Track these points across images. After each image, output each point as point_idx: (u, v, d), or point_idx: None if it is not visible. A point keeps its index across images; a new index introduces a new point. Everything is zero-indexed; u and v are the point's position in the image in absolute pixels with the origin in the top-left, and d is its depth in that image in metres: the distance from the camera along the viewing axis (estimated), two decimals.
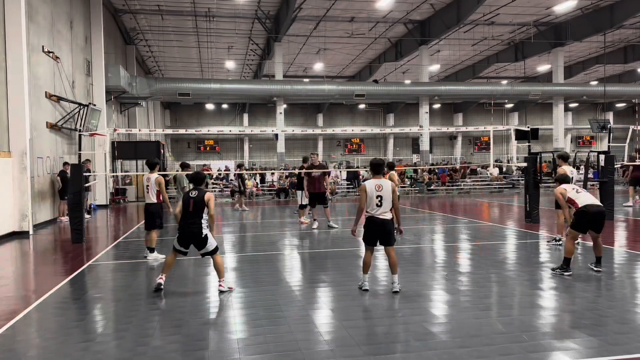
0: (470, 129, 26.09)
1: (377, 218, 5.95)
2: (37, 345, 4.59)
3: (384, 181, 6.03)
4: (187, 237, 6.29)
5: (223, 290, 6.23)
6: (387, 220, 5.98)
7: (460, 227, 12.10)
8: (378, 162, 6.19)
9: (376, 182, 6.00)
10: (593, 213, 6.81)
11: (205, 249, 6.31)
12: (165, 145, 28.74)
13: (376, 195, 5.92)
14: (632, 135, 17.07)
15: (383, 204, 5.93)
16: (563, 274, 6.71)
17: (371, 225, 6.00)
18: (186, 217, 6.30)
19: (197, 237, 6.25)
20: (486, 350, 4.19)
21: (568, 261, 6.78)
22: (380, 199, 5.92)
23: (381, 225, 5.96)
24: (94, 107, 16.67)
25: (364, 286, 6.14)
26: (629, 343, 4.30)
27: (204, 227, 6.30)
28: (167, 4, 23.83)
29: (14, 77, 12.24)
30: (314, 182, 12.09)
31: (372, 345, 4.36)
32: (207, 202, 6.34)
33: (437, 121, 44.58)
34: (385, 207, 5.95)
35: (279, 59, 28.43)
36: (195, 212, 6.28)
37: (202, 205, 6.29)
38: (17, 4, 12.24)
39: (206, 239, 6.27)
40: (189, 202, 6.34)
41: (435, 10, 25.90)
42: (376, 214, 5.95)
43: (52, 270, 8.23)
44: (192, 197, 6.37)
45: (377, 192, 5.93)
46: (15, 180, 12.27)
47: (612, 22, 25.34)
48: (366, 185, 6.00)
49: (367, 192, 5.96)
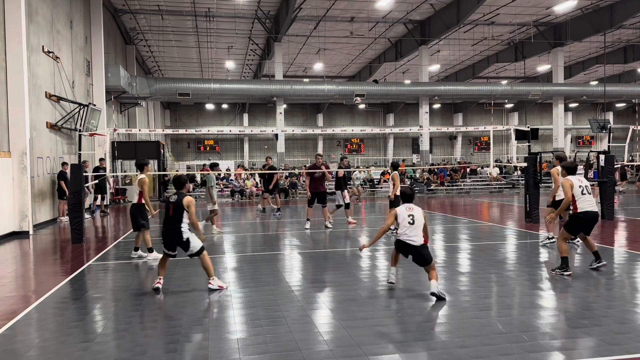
0: (470, 129, 26.08)
1: (407, 243, 5.93)
2: (37, 345, 4.59)
3: (414, 206, 6.09)
4: (170, 241, 6.28)
5: (213, 289, 6.27)
6: (417, 246, 5.89)
7: (460, 227, 12.10)
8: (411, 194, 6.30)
9: (407, 205, 6.10)
10: (588, 220, 6.85)
11: (190, 251, 6.29)
12: (165, 145, 28.72)
13: (408, 214, 5.96)
14: (632, 135, 17.08)
15: (416, 222, 5.93)
16: (563, 274, 6.71)
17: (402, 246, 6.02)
18: (166, 222, 6.28)
19: (179, 241, 6.23)
20: (486, 350, 4.19)
21: (565, 260, 6.78)
22: (412, 217, 5.94)
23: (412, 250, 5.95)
24: (93, 107, 16.66)
25: (390, 279, 6.25)
26: (628, 343, 4.30)
27: (184, 231, 6.22)
28: (167, 4, 23.83)
29: (14, 77, 12.24)
30: (316, 182, 12.30)
31: (372, 345, 4.36)
32: (187, 206, 6.21)
33: (437, 121, 44.59)
34: (418, 226, 5.92)
35: (279, 59, 28.44)
36: (175, 216, 6.21)
37: (182, 210, 6.20)
38: (17, 4, 12.23)
39: (188, 243, 6.22)
40: (168, 207, 6.28)
41: (435, 10, 25.91)
42: (407, 238, 5.91)
43: (52, 270, 8.23)
44: (172, 201, 6.28)
45: (408, 212, 5.98)
46: (15, 180, 12.27)
47: (612, 22, 25.35)
48: (397, 210, 6.08)
49: (398, 214, 6.02)
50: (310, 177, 12.44)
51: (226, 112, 44.29)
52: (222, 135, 43.54)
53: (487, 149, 46.63)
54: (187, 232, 6.25)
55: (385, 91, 30.60)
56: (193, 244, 6.26)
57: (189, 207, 6.22)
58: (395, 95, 32.29)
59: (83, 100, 17.56)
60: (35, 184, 13.39)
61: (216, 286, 6.31)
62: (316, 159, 12.70)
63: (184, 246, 6.25)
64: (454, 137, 45.96)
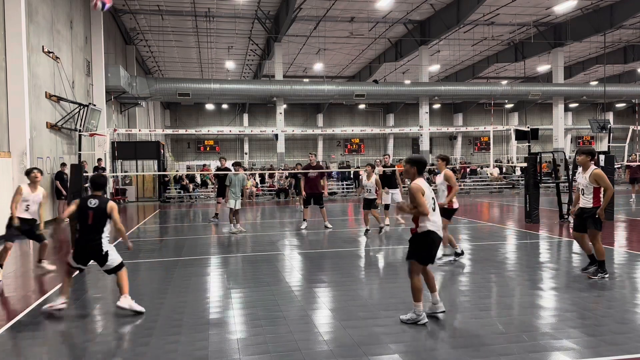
0: (470, 129, 26.09)
1: (438, 236, 4.87)
2: (37, 345, 4.59)
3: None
4: (85, 254, 5.46)
5: (122, 307, 5.36)
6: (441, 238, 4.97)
7: (460, 227, 12.09)
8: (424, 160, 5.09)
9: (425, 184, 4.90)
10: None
11: (106, 267, 5.50)
12: (165, 146, 28.73)
13: (431, 196, 4.89)
14: (632, 135, 17.08)
15: (436, 207, 4.93)
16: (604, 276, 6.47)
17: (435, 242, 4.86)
18: (84, 231, 5.43)
19: (97, 254, 5.43)
20: (486, 350, 4.19)
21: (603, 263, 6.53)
22: (434, 201, 4.92)
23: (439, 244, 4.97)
24: (93, 107, 16.67)
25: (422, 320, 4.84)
26: (628, 343, 4.30)
27: (104, 244, 5.46)
28: (167, 4, 23.83)
29: (14, 77, 12.25)
30: (310, 182, 12.15)
31: (372, 345, 4.36)
32: (110, 213, 5.46)
33: (437, 121, 44.59)
34: (438, 211, 4.96)
35: (279, 59, 28.44)
36: (95, 225, 5.40)
37: (105, 218, 5.43)
38: (17, 4, 12.24)
39: (107, 256, 5.45)
40: (87, 214, 5.40)
41: (435, 10, 25.91)
42: (436, 227, 4.84)
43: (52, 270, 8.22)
44: (92, 207, 5.41)
45: (430, 193, 4.91)
46: (15, 180, 12.25)
47: (612, 22, 25.35)
48: (420, 184, 4.81)
49: (425, 193, 4.79)
50: (306, 178, 12.28)
51: (226, 112, 44.29)
52: (222, 136, 43.54)
53: (487, 149, 46.63)
54: (106, 244, 5.49)
55: (385, 91, 30.60)
56: (112, 257, 5.49)
57: (112, 213, 5.46)
58: (395, 96, 32.29)
59: (83, 100, 17.56)
60: None
61: (126, 305, 5.36)
62: (309, 158, 12.48)
63: (100, 260, 5.44)
64: (454, 137, 45.96)
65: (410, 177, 4.97)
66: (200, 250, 9.46)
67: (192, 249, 9.70)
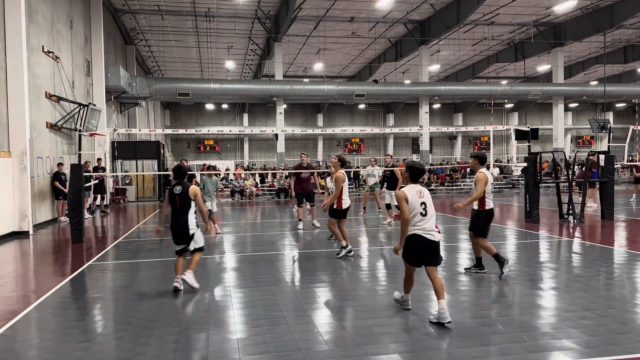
0: (470, 129, 26.11)
1: (425, 238, 4.98)
2: (37, 345, 4.59)
3: (423, 188, 5.19)
4: (178, 236, 6.31)
5: (186, 280, 6.18)
6: (436, 242, 5.05)
7: (461, 227, 12.09)
8: (420, 168, 5.30)
9: (416, 188, 5.13)
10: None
11: (191, 246, 6.34)
12: (165, 146, 28.74)
13: (420, 202, 5.03)
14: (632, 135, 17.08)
15: (428, 211, 5.03)
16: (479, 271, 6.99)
17: (417, 245, 5.02)
18: (174, 214, 6.28)
19: (185, 234, 6.26)
20: (486, 350, 4.19)
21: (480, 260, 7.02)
22: (424, 206, 5.03)
23: (431, 248, 5.03)
24: (93, 107, 16.67)
25: (406, 306, 5.36)
26: (628, 343, 4.30)
27: (191, 227, 6.25)
28: (167, 4, 23.83)
29: (14, 77, 12.25)
30: (302, 182, 12.36)
31: (372, 345, 4.36)
32: (194, 196, 6.24)
33: (437, 121, 44.60)
34: (431, 216, 5.04)
35: (279, 59, 28.44)
36: (182, 208, 6.22)
37: (188, 200, 6.22)
38: (17, 4, 12.24)
39: (193, 236, 6.29)
40: (175, 199, 6.24)
41: (435, 10, 25.91)
42: (424, 232, 4.99)
43: (52, 270, 8.23)
44: (177, 193, 6.24)
45: (420, 199, 5.04)
46: (15, 180, 12.27)
47: (612, 22, 25.35)
48: (406, 192, 5.06)
49: (409, 200, 5.01)
50: (297, 177, 12.46)
51: (226, 112, 44.29)
52: (222, 135, 43.54)
53: (487, 149, 46.61)
54: (194, 227, 6.29)
55: (385, 91, 30.60)
56: (196, 239, 6.34)
57: (196, 196, 6.24)
58: (395, 95, 32.30)
59: (83, 100, 17.56)
60: (35, 184, 13.39)
61: (189, 280, 6.19)
62: (301, 158, 12.67)
63: (187, 239, 6.28)
64: (454, 137, 45.97)
65: (405, 181, 5.34)
66: None
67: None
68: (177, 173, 6.45)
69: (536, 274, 6.99)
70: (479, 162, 7.00)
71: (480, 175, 6.80)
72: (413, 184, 5.20)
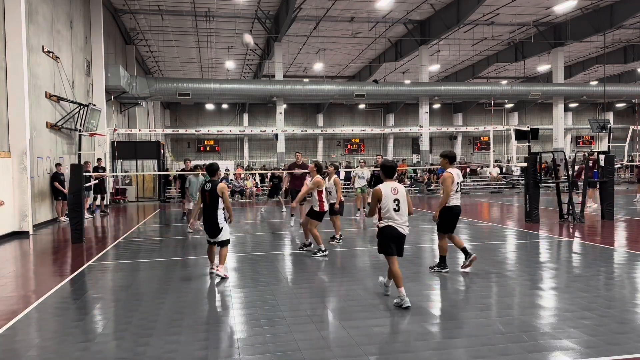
0: (470, 129, 26.10)
1: (397, 230, 5.46)
2: (37, 345, 4.59)
3: (398, 184, 5.57)
4: (209, 227, 6.96)
5: (219, 275, 6.84)
6: (405, 235, 5.54)
7: (460, 227, 12.09)
8: (392, 165, 5.65)
9: (391, 185, 5.51)
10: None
11: (218, 239, 6.98)
12: (165, 146, 28.73)
13: (393, 198, 5.45)
14: (632, 135, 17.07)
15: (401, 207, 5.46)
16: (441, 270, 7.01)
17: (390, 236, 5.48)
18: (205, 209, 6.99)
19: (215, 227, 6.92)
20: (486, 350, 4.19)
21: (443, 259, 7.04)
22: (397, 202, 5.45)
23: (400, 239, 5.53)
24: (93, 107, 16.67)
25: (405, 303, 5.39)
26: (628, 343, 4.30)
27: (220, 221, 6.93)
28: (167, 4, 23.83)
29: (14, 77, 12.25)
30: (296, 180, 12.63)
31: (372, 345, 4.36)
32: (221, 193, 6.87)
33: (437, 121, 44.59)
34: (404, 212, 5.48)
35: (279, 59, 28.43)
36: (211, 203, 6.89)
37: (217, 197, 6.86)
38: (17, 4, 12.24)
39: (221, 231, 6.95)
40: (205, 195, 6.95)
41: (435, 10, 25.91)
42: (397, 225, 5.46)
43: (52, 270, 8.23)
44: (207, 189, 6.94)
45: (394, 196, 5.46)
46: (15, 180, 12.27)
47: (612, 22, 25.34)
48: (381, 188, 5.47)
49: (383, 196, 5.43)
50: (292, 176, 12.72)
51: (226, 112, 44.28)
52: (222, 135, 43.53)
53: (487, 149, 46.63)
54: (222, 222, 6.97)
55: (385, 91, 30.60)
56: (224, 233, 7.00)
57: (223, 193, 6.89)
58: (395, 95, 32.29)
59: (83, 100, 17.56)
60: (35, 184, 13.39)
61: (222, 274, 6.85)
62: (296, 157, 12.89)
63: (216, 232, 6.94)
64: (454, 137, 45.95)
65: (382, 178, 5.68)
66: (200, 250, 9.46)
67: (191, 249, 9.70)
68: (209, 171, 7.13)
69: (536, 274, 6.99)
70: (448, 161, 7.07)
71: (446, 175, 6.88)
72: (388, 180, 5.58)
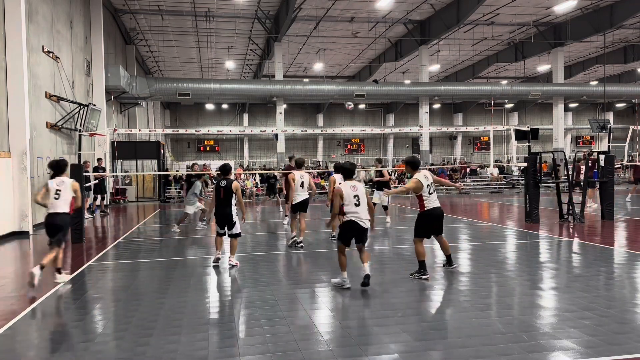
0: (470, 129, 26.10)
1: (359, 224, 6.17)
2: (37, 345, 4.59)
3: (357, 183, 6.36)
4: (221, 220, 7.63)
5: (232, 264, 7.61)
6: (366, 228, 6.25)
7: (460, 227, 12.10)
8: (349, 168, 6.52)
9: (350, 184, 6.33)
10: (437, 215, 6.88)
11: (230, 232, 7.69)
12: (165, 146, 28.73)
13: (353, 195, 6.20)
14: (632, 135, 17.07)
15: (361, 203, 6.19)
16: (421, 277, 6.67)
17: (351, 229, 6.21)
18: (219, 203, 7.61)
19: (229, 221, 7.62)
20: (486, 350, 4.19)
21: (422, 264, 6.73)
22: (357, 198, 6.19)
23: (362, 231, 6.24)
24: (93, 107, 16.67)
25: (345, 284, 6.27)
26: (628, 343, 4.30)
27: (234, 213, 7.62)
28: (167, 4, 23.83)
29: (14, 77, 12.25)
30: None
31: (372, 345, 4.36)
32: (235, 190, 7.53)
33: (437, 121, 44.58)
34: (364, 206, 6.20)
35: (279, 59, 28.43)
36: (225, 199, 7.54)
37: (231, 193, 7.53)
38: (17, 4, 12.24)
39: (234, 225, 7.67)
40: (220, 191, 7.57)
41: (435, 10, 25.91)
42: (357, 218, 6.16)
43: (52, 270, 8.22)
44: (222, 186, 7.59)
45: (353, 192, 6.22)
46: (15, 180, 12.27)
47: (612, 22, 25.35)
48: (341, 188, 6.23)
49: (344, 194, 6.18)
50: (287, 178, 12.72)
51: (226, 112, 44.28)
52: (222, 135, 43.53)
53: (487, 149, 46.62)
54: (235, 215, 7.67)
55: (385, 91, 30.60)
56: (237, 226, 7.72)
57: (237, 190, 7.55)
58: (395, 95, 32.30)
59: (83, 100, 17.56)
60: (35, 184, 13.38)
61: (234, 262, 7.64)
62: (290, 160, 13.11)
63: (230, 225, 7.66)
64: (454, 137, 45.95)
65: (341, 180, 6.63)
66: (200, 250, 9.47)
67: (191, 249, 9.70)
68: (223, 171, 7.80)
69: (536, 274, 6.99)
70: (411, 168, 7.01)
71: (413, 179, 6.85)
72: (348, 180, 6.42)
